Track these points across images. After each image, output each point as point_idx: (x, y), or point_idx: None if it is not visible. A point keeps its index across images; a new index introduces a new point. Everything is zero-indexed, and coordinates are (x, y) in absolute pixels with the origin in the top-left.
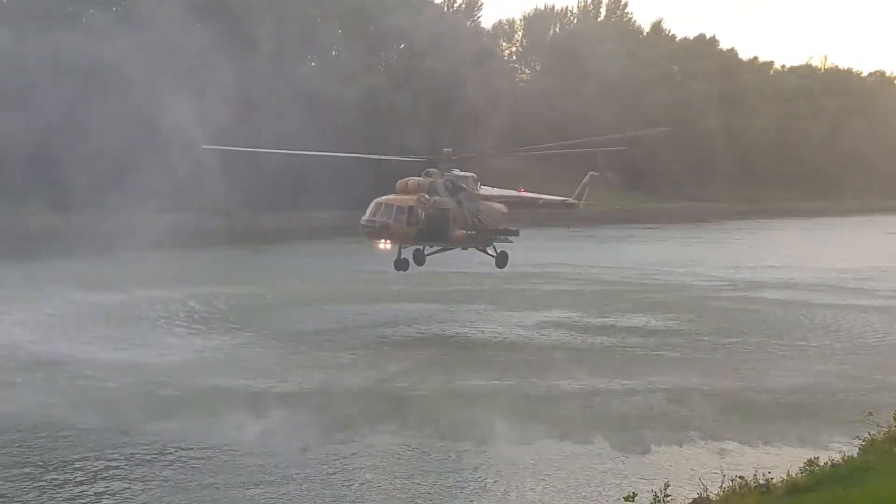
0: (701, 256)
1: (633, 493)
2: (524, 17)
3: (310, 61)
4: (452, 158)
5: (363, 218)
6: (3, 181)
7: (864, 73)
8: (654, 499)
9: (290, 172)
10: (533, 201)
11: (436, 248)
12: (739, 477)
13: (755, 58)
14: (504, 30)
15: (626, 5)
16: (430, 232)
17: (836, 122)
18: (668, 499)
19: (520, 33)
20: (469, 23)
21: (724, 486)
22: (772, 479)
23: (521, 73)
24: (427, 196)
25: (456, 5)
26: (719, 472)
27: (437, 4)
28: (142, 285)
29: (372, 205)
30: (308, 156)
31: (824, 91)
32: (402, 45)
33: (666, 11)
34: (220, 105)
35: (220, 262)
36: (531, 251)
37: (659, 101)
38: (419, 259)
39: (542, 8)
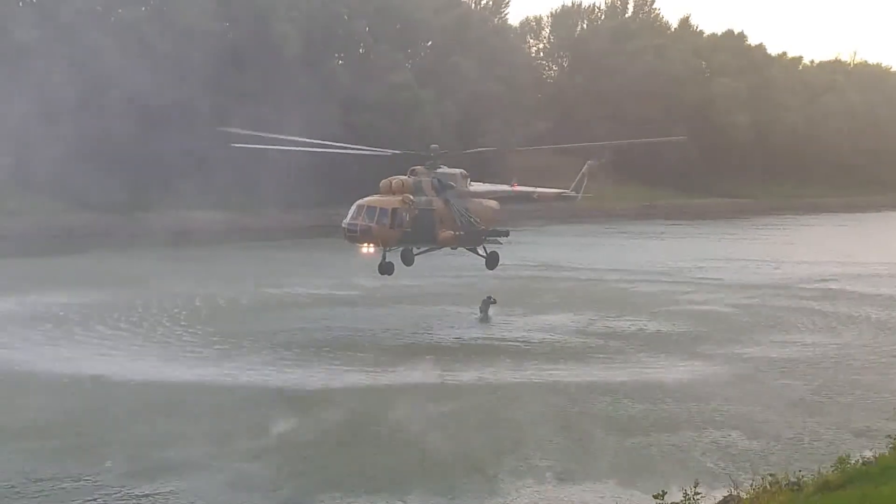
0: (746, 252)
1: (663, 490)
2: (552, 13)
3: (337, 59)
4: (440, 154)
5: (344, 221)
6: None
7: (894, 68)
8: (685, 497)
9: (321, 169)
10: (527, 195)
11: (423, 249)
12: (770, 474)
13: (784, 53)
14: (531, 27)
15: (653, 1)
16: (415, 234)
17: (866, 117)
18: (699, 496)
19: (547, 30)
20: (496, 20)
21: (754, 483)
22: (802, 476)
23: (549, 70)
24: (412, 196)
25: (483, 3)
26: (750, 469)
27: (465, 2)
28: None
29: (353, 207)
30: (339, 153)
31: (854, 86)
32: (430, 43)
33: (694, 7)
34: (247, 103)
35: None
36: (574, 248)
37: (687, 96)
38: (407, 259)
39: (570, 5)
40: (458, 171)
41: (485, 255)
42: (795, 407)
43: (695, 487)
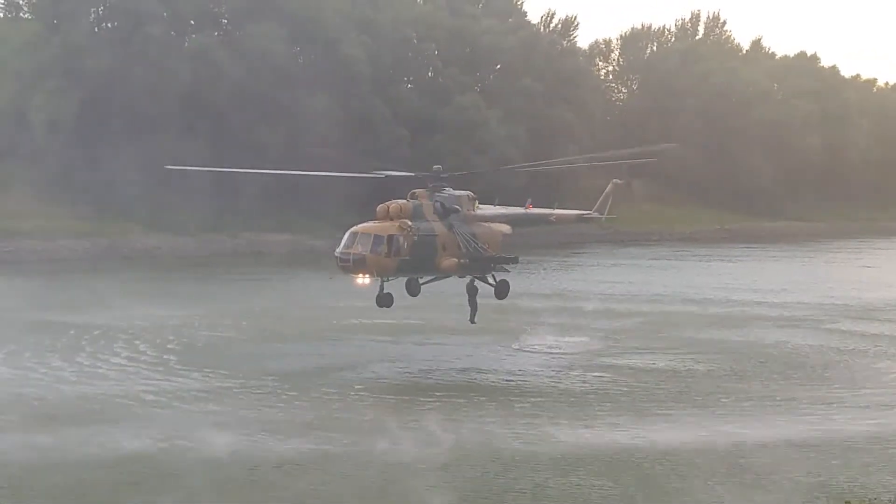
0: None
1: None
2: (621, 36)
3: (406, 83)
4: (442, 176)
5: (337, 250)
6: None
7: None
8: None
9: (381, 192)
10: (544, 218)
11: (429, 278)
12: (846, 502)
13: (857, 75)
14: (600, 49)
15: (724, 23)
16: (415, 262)
17: None
18: None
19: (616, 52)
20: (565, 42)
21: None
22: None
23: (618, 93)
24: (409, 222)
25: (552, 25)
26: (824, 495)
27: (534, 24)
28: None
29: (347, 234)
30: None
31: None
32: (498, 66)
33: (766, 29)
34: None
35: None
36: (679, 274)
37: (759, 119)
38: (413, 289)
39: (639, 27)
40: (464, 193)
41: (494, 283)
42: None
43: None
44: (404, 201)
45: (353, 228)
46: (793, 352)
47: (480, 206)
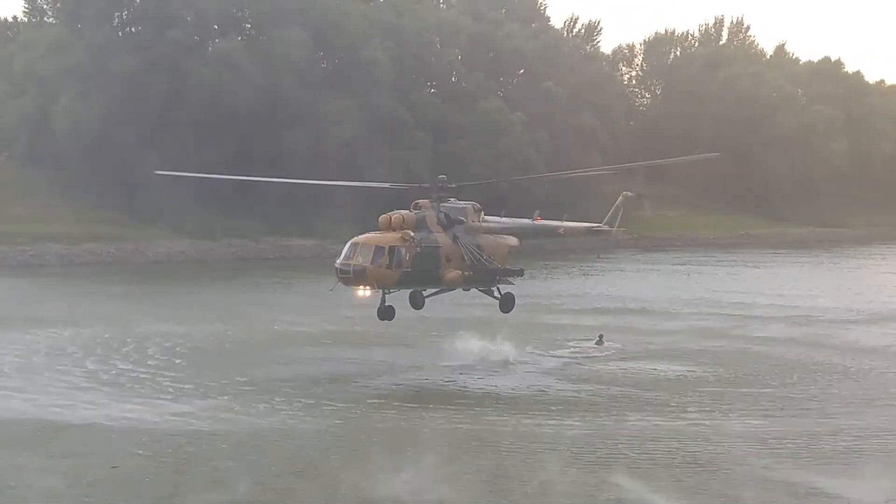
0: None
1: None
2: (644, 41)
3: (429, 87)
4: (449, 187)
5: (337, 261)
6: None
7: None
8: None
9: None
10: (552, 230)
11: (433, 290)
12: None
13: (882, 80)
14: (624, 54)
15: (748, 28)
16: (417, 274)
17: None
18: None
19: (640, 57)
20: (588, 47)
21: None
22: None
23: (641, 98)
24: (412, 232)
25: (575, 30)
26: None
27: (557, 29)
28: None
29: (347, 245)
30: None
31: None
32: (521, 71)
33: (790, 34)
34: (341, 132)
35: None
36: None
37: (782, 124)
38: (417, 302)
39: (663, 32)
40: (469, 204)
41: (499, 296)
42: None
43: None
44: (407, 211)
45: (354, 239)
46: None
47: (486, 217)
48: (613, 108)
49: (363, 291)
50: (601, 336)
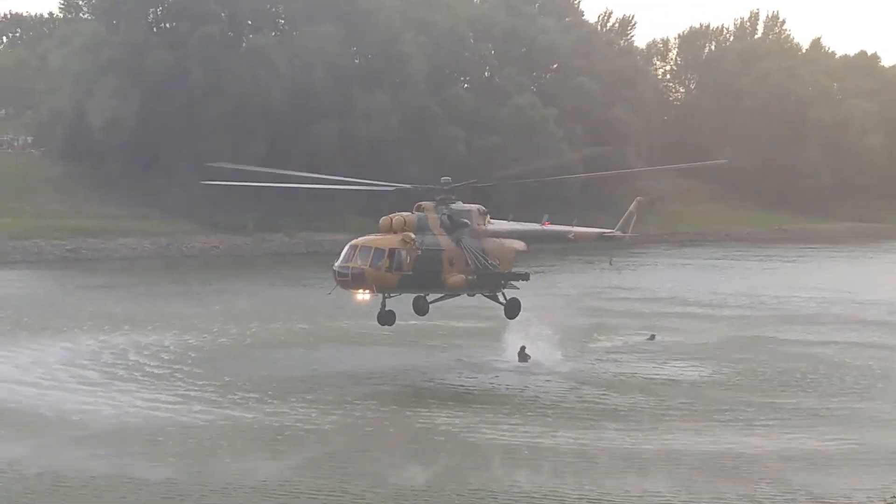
0: None
1: None
2: (679, 35)
3: (462, 83)
4: (455, 187)
5: (335, 264)
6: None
7: None
8: None
9: None
10: (561, 235)
11: (438, 296)
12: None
13: None
14: (658, 49)
15: (783, 22)
16: (418, 278)
17: None
18: None
19: (674, 52)
20: (622, 42)
21: None
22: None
23: (676, 92)
24: (413, 235)
25: (609, 25)
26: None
27: (591, 24)
28: None
29: (346, 248)
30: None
31: None
32: (555, 65)
33: (825, 28)
34: (374, 127)
35: None
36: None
37: (818, 118)
38: (420, 308)
39: (698, 26)
40: (474, 206)
41: (504, 302)
42: None
43: None
44: (408, 213)
45: (353, 241)
46: None
47: (493, 220)
48: (647, 103)
49: (362, 295)
50: (653, 335)
